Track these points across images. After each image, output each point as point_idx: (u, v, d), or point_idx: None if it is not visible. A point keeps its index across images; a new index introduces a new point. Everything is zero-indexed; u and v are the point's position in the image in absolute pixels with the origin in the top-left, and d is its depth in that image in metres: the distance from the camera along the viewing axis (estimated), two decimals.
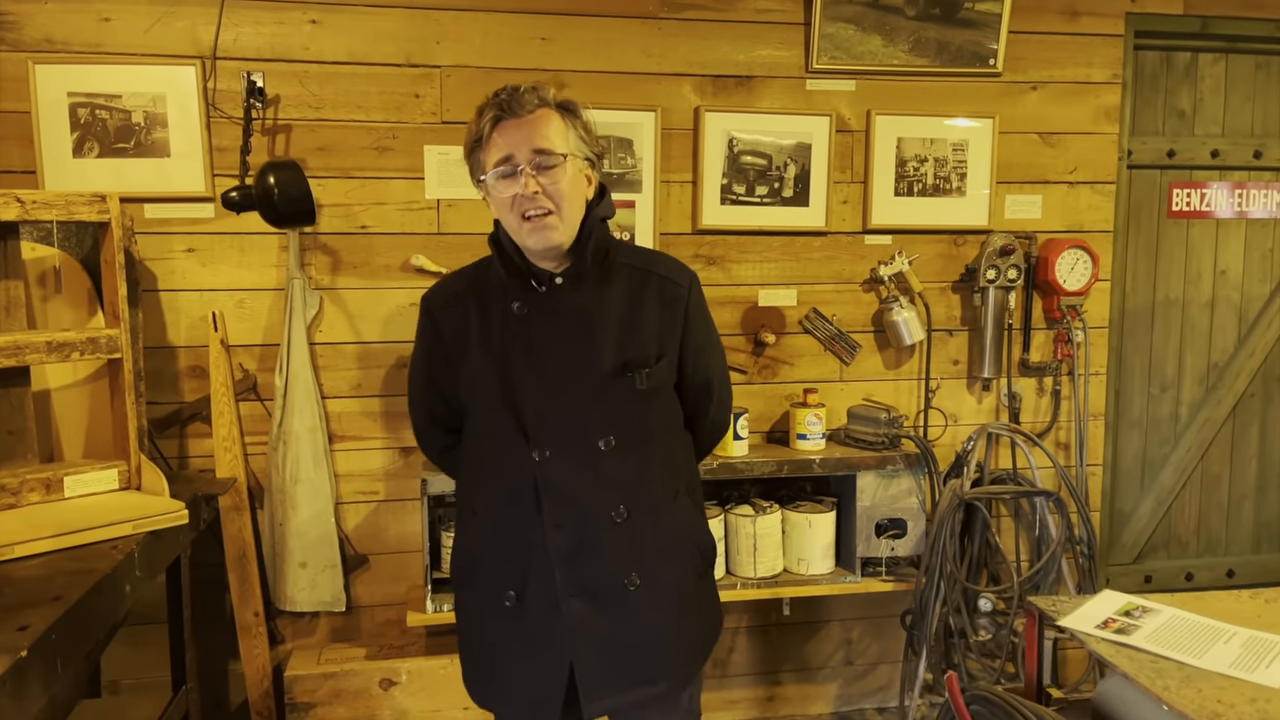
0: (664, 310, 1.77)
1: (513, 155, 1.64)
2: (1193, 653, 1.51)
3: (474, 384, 1.77)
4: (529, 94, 1.65)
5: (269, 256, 2.80)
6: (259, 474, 2.85)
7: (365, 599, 2.96)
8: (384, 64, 2.80)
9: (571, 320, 1.72)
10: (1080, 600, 1.75)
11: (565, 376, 1.71)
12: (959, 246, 3.17)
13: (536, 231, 1.66)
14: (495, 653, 1.79)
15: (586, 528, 1.71)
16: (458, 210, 2.88)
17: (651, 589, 1.73)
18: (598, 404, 1.71)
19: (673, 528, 1.80)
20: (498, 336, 1.74)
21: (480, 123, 1.68)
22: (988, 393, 3.24)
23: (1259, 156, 3.43)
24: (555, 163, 1.65)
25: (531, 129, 1.64)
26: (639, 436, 1.74)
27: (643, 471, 1.76)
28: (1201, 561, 3.62)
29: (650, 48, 2.92)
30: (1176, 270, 3.47)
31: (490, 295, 1.77)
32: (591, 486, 1.71)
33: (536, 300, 1.73)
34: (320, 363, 2.85)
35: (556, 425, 1.71)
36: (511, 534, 1.75)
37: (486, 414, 1.77)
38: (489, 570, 1.78)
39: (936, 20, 3.02)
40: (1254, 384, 3.55)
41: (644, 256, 1.84)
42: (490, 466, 1.78)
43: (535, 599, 1.73)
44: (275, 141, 2.77)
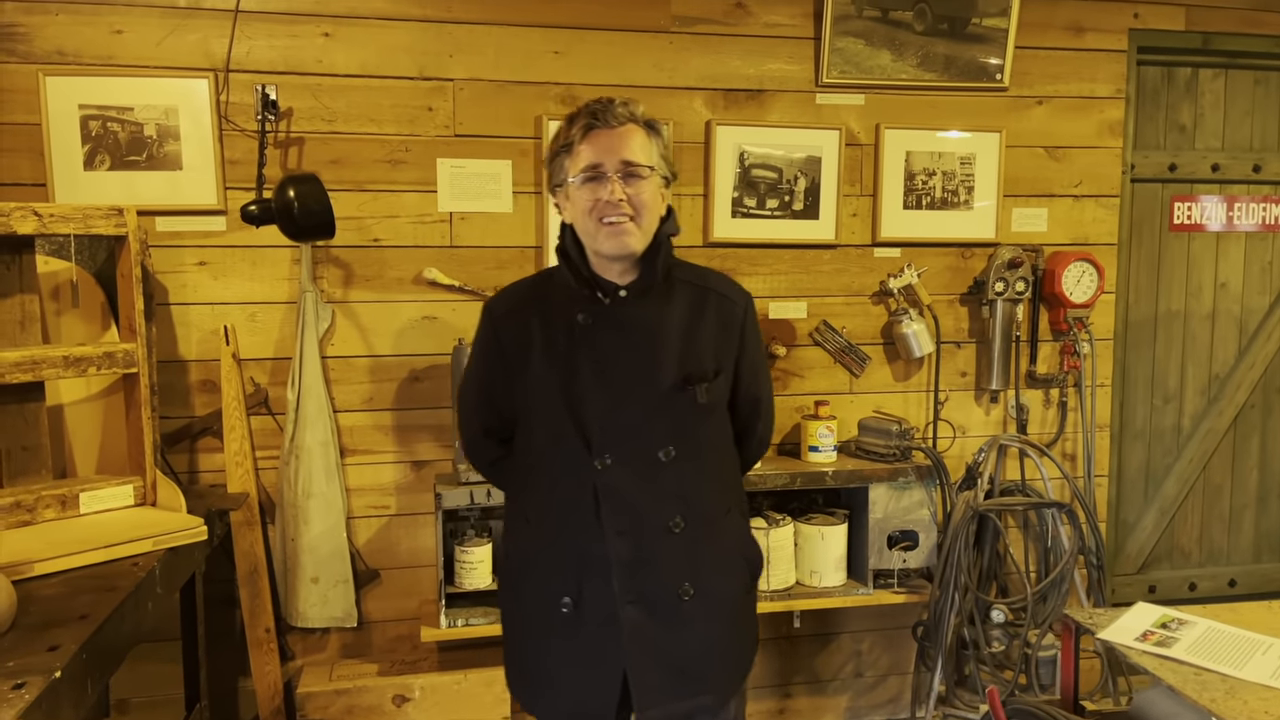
0: (721, 328, 1.81)
1: (601, 163, 1.69)
2: (1234, 664, 1.52)
3: (536, 393, 1.79)
4: (620, 107, 1.71)
5: (281, 270, 2.79)
6: (270, 489, 2.83)
7: (377, 614, 2.93)
8: (397, 77, 2.80)
9: (636, 332, 1.76)
10: (1115, 613, 1.76)
11: (629, 387, 1.74)
12: (966, 259, 3.19)
13: (614, 236, 1.70)
14: (549, 660, 1.80)
15: (645, 537, 1.74)
16: (470, 223, 2.87)
17: (704, 600, 1.76)
18: (660, 416, 1.75)
19: (725, 541, 1.83)
20: (562, 346, 1.77)
21: (570, 130, 1.73)
22: (995, 404, 3.26)
23: (1258, 170, 3.48)
24: (641, 174, 1.70)
25: (620, 140, 1.70)
26: (696, 449, 1.78)
27: (699, 484, 1.79)
28: (1204, 571, 3.65)
29: (662, 61, 2.93)
30: (1178, 283, 3.51)
31: (553, 306, 1.80)
32: (651, 496, 1.74)
33: (601, 312, 1.76)
34: (332, 376, 2.83)
35: (620, 435, 1.74)
36: (569, 541, 1.77)
37: (548, 423, 1.78)
38: (543, 577, 1.80)
39: (944, 35, 3.04)
40: (1254, 395, 3.59)
41: (702, 274, 1.89)
42: (549, 474, 1.80)
43: (591, 606, 1.75)
44: (288, 154, 2.76)
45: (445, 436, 2.91)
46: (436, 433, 2.91)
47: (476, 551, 2.77)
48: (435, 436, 2.91)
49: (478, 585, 2.77)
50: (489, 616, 2.74)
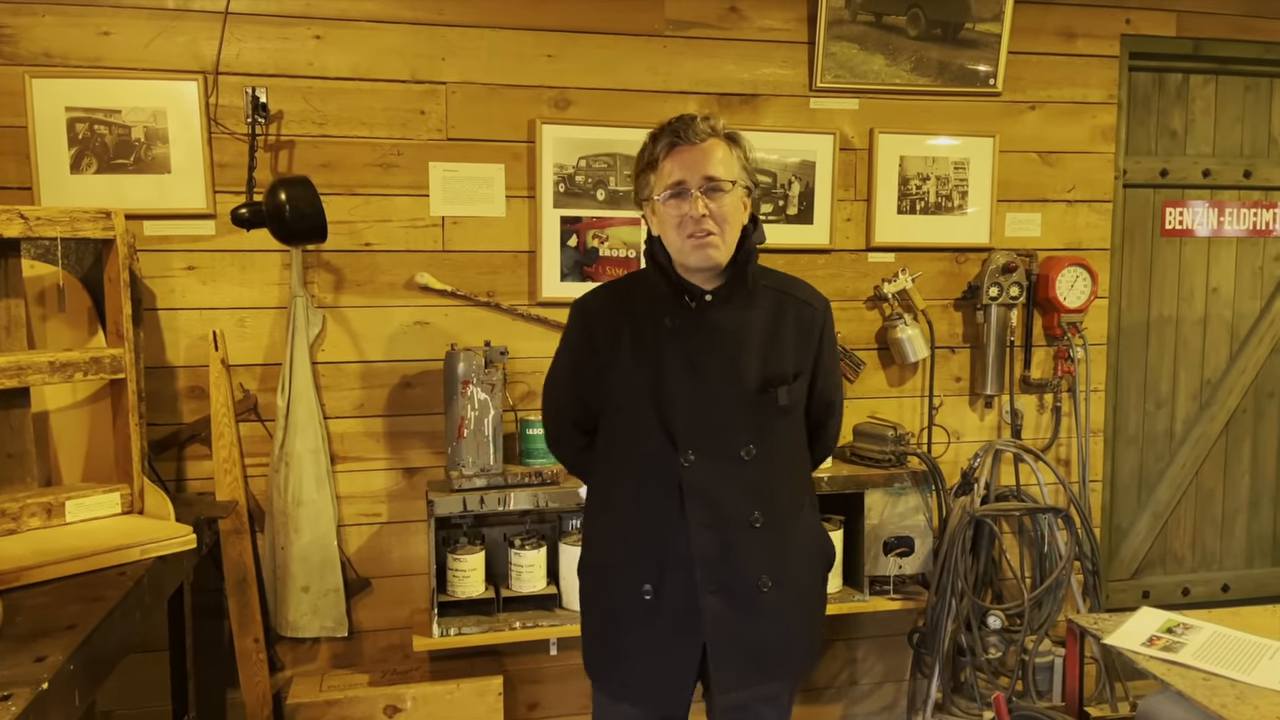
0: (800, 333, 1.90)
1: (685, 180, 1.76)
2: (1241, 669, 1.51)
3: (624, 390, 1.87)
4: (703, 123, 1.79)
5: (271, 274, 2.75)
6: (259, 496, 2.79)
7: (367, 624, 2.89)
8: (388, 80, 2.77)
9: (720, 336, 1.84)
10: (1119, 618, 1.75)
11: (715, 388, 1.82)
12: (960, 264, 3.18)
13: (700, 250, 1.77)
14: (628, 643, 1.89)
15: (728, 531, 1.82)
16: (463, 228, 2.85)
17: (781, 591, 1.85)
18: (743, 416, 1.83)
19: (801, 535, 1.93)
20: (650, 347, 1.85)
21: (655, 148, 1.81)
22: (990, 410, 3.25)
23: (1249, 176, 3.49)
24: (724, 188, 1.77)
25: (703, 156, 1.77)
26: (776, 448, 1.87)
27: (777, 481, 1.88)
28: (1197, 576, 3.65)
29: (656, 65, 2.92)
30: (1170, 288, 3.52)
31: (642, 307, 1.88)
32: (733, 492, 1.82)
33: (688, 315, 1.84)
34: (323, 382, 2.80)
35: (705, 433, 1.82)
36: (651, 532, 1.85)
37: (635, 419, 1.86)
38: (626, 565, 1.88)
39: (938, 40, 3.04)
40: (1246, 400, 3.60)
41: (783, 280, 1.96)
42: (634, 468, 1.88)
43: (671, 595, 1.83)
44: (278, 158, 2.72)
45: (437, 443, 2.88)
46: (428, 439, 2.88)
47: (469, 559, 2.74)
48: (427, 443, 2.88)
49: (470, 594, 2.75)
50: (482, 625, 2.71)
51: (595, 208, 2.90)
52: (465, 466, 2.72)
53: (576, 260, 2.90)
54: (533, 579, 2.79)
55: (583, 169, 2.87)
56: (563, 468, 2.77)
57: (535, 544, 2.79)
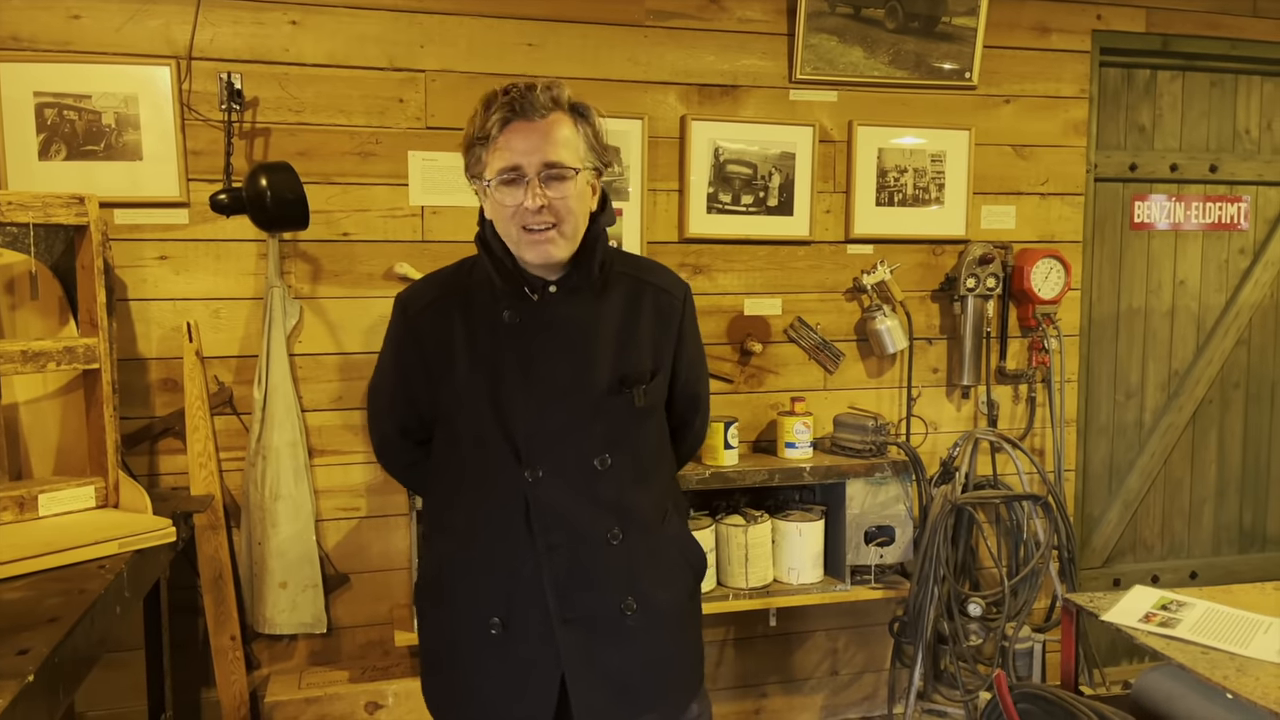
0: (659, 323, 1.70)
1: (521, 166, 1.53)
2: (1238, 643, 1.53)
3: (460, 398, 1.65)
4: (543, 93, 1.54)
5: (246, 264, 2.70)
6: (234, 491, 2.74)
7: (346, 619, 2.85)
8: (366, 67, 2.73)
9: (567, 332, 1.63)
10: (1114, 596, 1.77)
11: (561, 392, 1.62)
12: (937, 256, 3.21)
13: (537, 245, 1.56)
14: (476, 680, 1.67)
15: (582, 551, 1.62)
16: (443, 218, 2.81)
17: (648, 613, 1.66)
18: (595, 422, 1.63)
19: (666, 548, 1.73)
20: (486, 346, 1.63)
21: (487, 119, 1.55)
22: (966, 400, 3.28)
23: (1214, 170, 3.56)
24: (564, 175, 1.54)
25: (543, 137, 1.53)
26: (634, 455, 1.67)
27: (637, 492, 1.68)
28: (1166, 564, 3.71)
29: (636, 55, 2.91)
30: (1139, 280, 3.58)
31: (476, 301, 1.66)
32: (587, 508, 1.63)
33: (529, 309, 1.63)
34: (300, 374, 2.75)
35: (552, 443, 1.61)
36: (496, 556, 1.64)
37: (473, 430, 1.65)
38: (467, 593, 1.67)
39: (915, 33, 3.06)
40: (1212, 390, 3.67)
41: (638, 264, 1.77)
42: (474, 484, 1.66)
43: (522, 626, 1.63)
44: (253, 145, 2.67)
45: None
46: None
47: None
48: None
49: None
50: None
51: None
52: None
53: None
54: None
55: None
56: None
57: None
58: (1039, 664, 2.84)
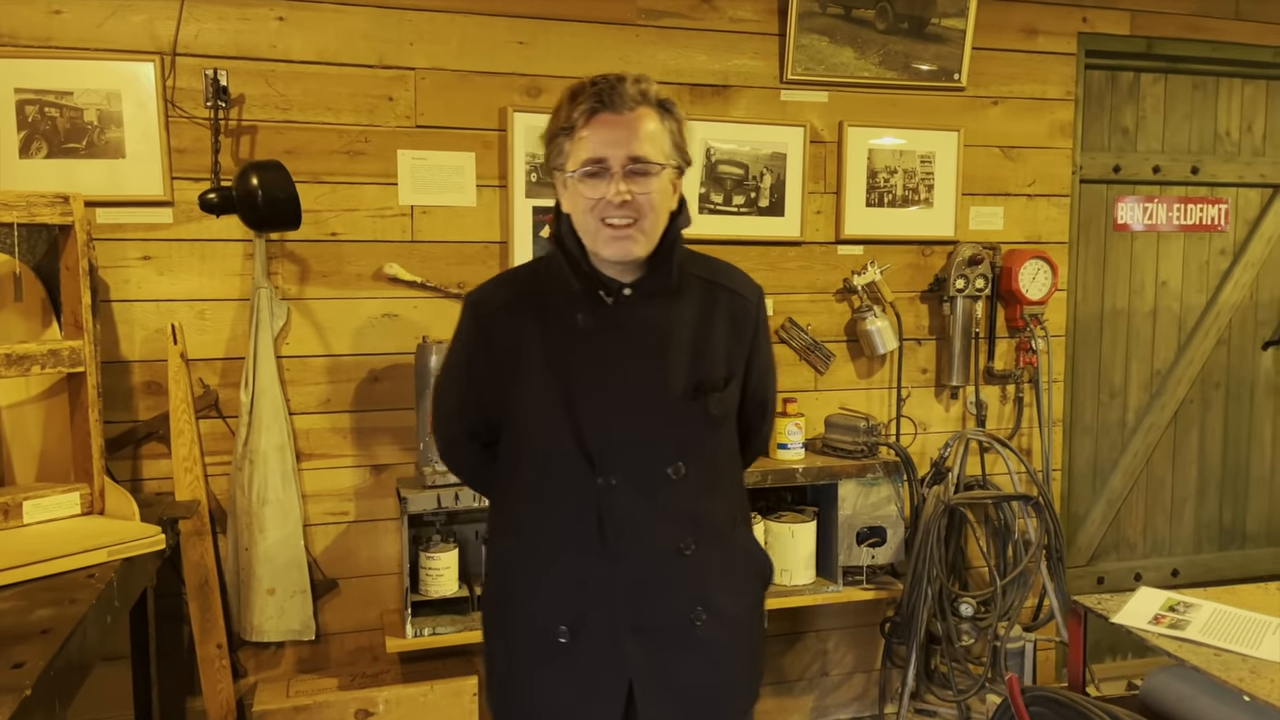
0: (732, 328, 1.65)
1: (606, 159, 1.49)
2: (1249, 644, 1.54)
3: (532, 403, 1.61)
4: (631, 86, 1.50)
5: (232, 265, 2.65)
6: (220, 496, 2.69)
7: (334, 625, 2.80)
8: (355, 64, 2.69)
9: (642, 336, 1.59)
10: (1120, 598, 1.78)
11: (636, 398, 1.58)
12: (926, 257, 3.22)
13: (616, 241, 1.52)
14: (543, 693, 1.63)
15: (654, 561, 1.59)
16: (433, 217, 2.78)
17: (718, 624, 1.63)
18: (669, 429, 1.59)
19: (736, 558, 1.71)
20: (559, 350, 1.59)
21: (572, 110, 1.51)
22: (955, 400, 3.29)
23: (1196, 172, 3.60)
24: (650, 171, 1.51)
25: (630, 131, 1.50)
26: (708, 463, 1.64)
27: (708, 500, 1.65)
28: (1149, 562, 3.75)
29: (628, 55, 2.89)
30: (1122, 281, 3.61)
31: (549, 303, 1.61)
32: (659, 517, 1.59)
33: (604, 312, 1.58)
34: (287, 377, 2.70)
35: (626, 451, 1.58)
36: (565, 564, 1.60)
37: (545, 435, 1.61)
38: (536, 601, 1.63)
39: (905, 34, 3.07)
40: (1193, 390, 3.71)
41: (712, 267, 1.71)
42: (544, 490, 1.63)
43: (591, 635, 1.59)
44: (239, 143, 2.62)
45: (407, 439, 2.80)
46: (397, 435, 2.80)
47: (443, 558, 2.67)
48: (396, 439, 2.80)
49: (444, 592, 2.68)
50: (456, 624, 2.65)
51: None
52: (437, 462, 2.65)
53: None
54: None
55: None
56: None
57: None
58: (1030, 663, 2.85)
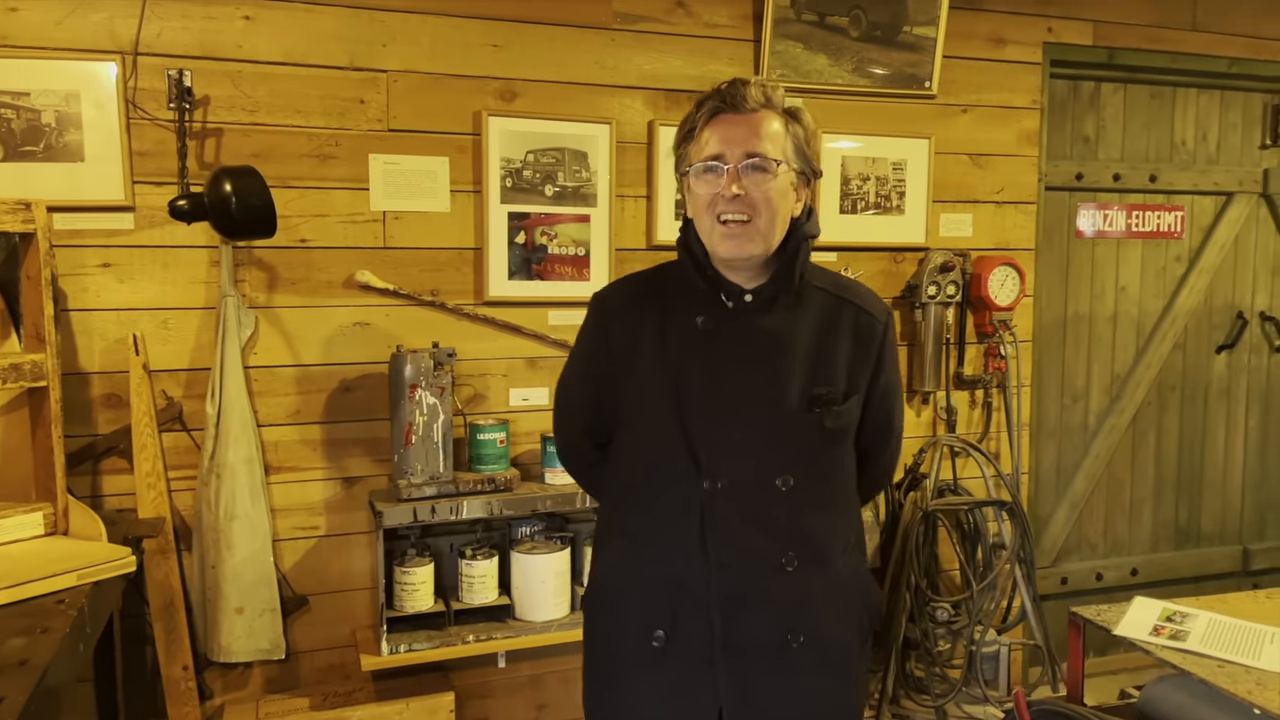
0: (857, 345, 1.62)
1: (724, 154, 1.51)
2: (1249, 654, 1.56)
3: (642, 400, 1.61)
4: (755, 89, 1.54)
5: (197, 272, 2.55)
6: (184, 512, 2.59)
7: (304, 644, 2.72)
8: (325, 66, 2.61)
9: (760, 343, 1.57)
10: (1119, 609, 1.79)
11: (749, 404, 1.56)
12: (898, 263, 3.23)
13: (730, 239, 1.52)
14: (633, 695, 1.62)
15: (754, 572, 1.56)
16: (405, 224, 2.71)
17: (815, 648, 1.58)
18: (781, 439, 1.56)
19: (842, 582, 1.64)
20: (675, 350, 1.59)
21: (696, 113, 1.57)
22: (926, 405, 3.31)
23: (1154, 180, 3.68)
24: (766, 167, 1.50)
25: (748, 128, 1.52)
26: (819, 479, 1.59)
27: (817, 517, 1.60)
28: (1109, 562, 3.82)
29: (603, 59, 2.85)
30: (1084, 287, 3.67)
31: (671, 305, 1.61)
32: (764, 528, 1.56)
33: (724, 316, 1.58)
34: (255, 388, 2.62)
35: (734, 456, 1.55)
36: (667, 567, 1.58)
37: (654, 434, 1.60)
38: (636, 603, 1.61)
39: (878, 42, 3.08)
40: (1151, 393, 3.79)
41: (839, 282, 1.68)
42: (651, 491, 1.61)
43: (684, 643, 1.57)
44: (204, 146, 2.53)
45: (379, 450, 2.73)
46: (370, 446, 2.73)
47: (419, 572, 2.62)
48: (368, 451, 2.73)
49: (420, 608, 2.62)
50: (433, 640, 2.59)
51: (544, 203, 2.81)
52: (414, 474, 2.59)
53: (525, 258, 2.81)
54: (484, 590, 2.68)
55: (530, 163, 2.78)
56: (517, 474, 2.69)
57: (487, 554, 2.69)
58: (1005, 666, 2.88)
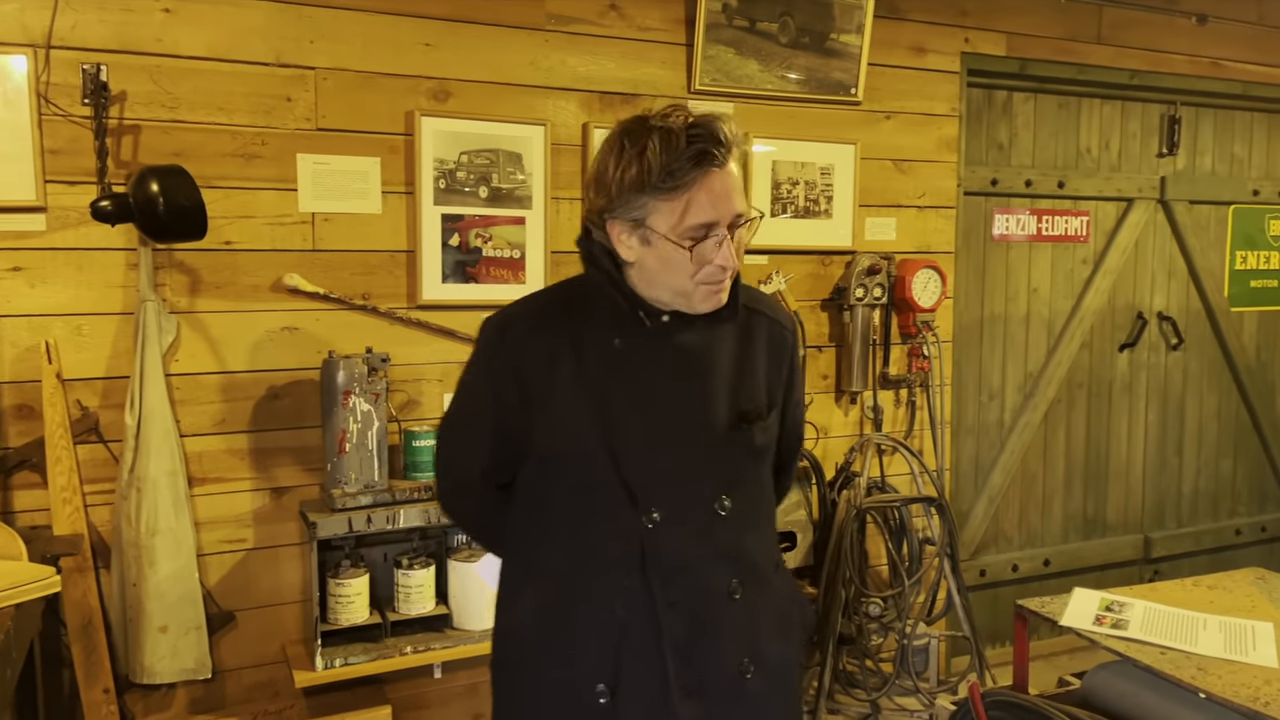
0: (772, 357, 1.56)
1: (718, 222, 1.36)
2: (1187, 640, 1.64)
3: (564, 432, 1.46)
4: (730, 134, 1.38)
5: (114, 276, 2.44)
6: (102, 528, 2.47)
7: (231, 662, 2.62)
8: (250, 62, 2.52)
9: (684, 363, 1.47)
10: (1061, 600, 1.86)
11: (681, 428, 1.46)
12: (826, 266, 3.30)
13: (712, 297, 1.42)
14: None
15: (703, 607, 1.45)
16: (335, 225, 2.64)
17: (766, 675, 1.50)
18: (715, 461, 1.48)
19: (779, 601, 1.58)
20: (595, 376, 1.45)
21: (671, 161, 1.34)
22: (854, 405, 3.39)
23: (1062, 186, 3.84)
24: (749, 225, 1.41)
25: (729, 182, 1.37)
26: (751, 499, 1.53)
27: (754, 538, 1.54)
28: (1024, 554, 3.97)
29: (538, 60, 2.83)
30: (999, 288, 3.80)
31: (582, 326, 1.47)
32: (708, 557, 1.46)
33: (643, 336, 1.46)
34: (177, 396, 2.51)
35: (671, 485, 1.45)
36: (605, 612, 1.44)
37: (581, 469, 1.47)
38: (569, 658, 1.46)
39: (807, 49, 3.13)
40: (1061, 391, 3.95)
41: (749, 295, 1.58)
42: (577, 530, 1.48)
43: (633, 695, 1.43)
44: (121, 144, 2.41)
45: (309, 459, 2.65)
46: (299, 455, 2.65)
47: (354, 584, 2.55)
48: (298, 459, 2.65)
49: (355, 620, 2.56)
50: (370, 653, 2.53)
51: (478, 205, 2.77)
52: (348, 484, 2.52)
53: (459, 261, 2.76)
54: (422, 600, 2.63)
55: (464, 164, 2.74)
56: None
57: (424, 563, 2.63)
58: (934, 659, 2.96)
